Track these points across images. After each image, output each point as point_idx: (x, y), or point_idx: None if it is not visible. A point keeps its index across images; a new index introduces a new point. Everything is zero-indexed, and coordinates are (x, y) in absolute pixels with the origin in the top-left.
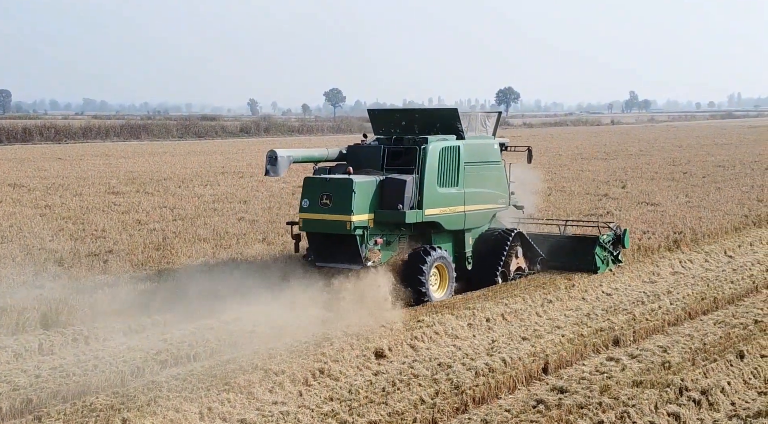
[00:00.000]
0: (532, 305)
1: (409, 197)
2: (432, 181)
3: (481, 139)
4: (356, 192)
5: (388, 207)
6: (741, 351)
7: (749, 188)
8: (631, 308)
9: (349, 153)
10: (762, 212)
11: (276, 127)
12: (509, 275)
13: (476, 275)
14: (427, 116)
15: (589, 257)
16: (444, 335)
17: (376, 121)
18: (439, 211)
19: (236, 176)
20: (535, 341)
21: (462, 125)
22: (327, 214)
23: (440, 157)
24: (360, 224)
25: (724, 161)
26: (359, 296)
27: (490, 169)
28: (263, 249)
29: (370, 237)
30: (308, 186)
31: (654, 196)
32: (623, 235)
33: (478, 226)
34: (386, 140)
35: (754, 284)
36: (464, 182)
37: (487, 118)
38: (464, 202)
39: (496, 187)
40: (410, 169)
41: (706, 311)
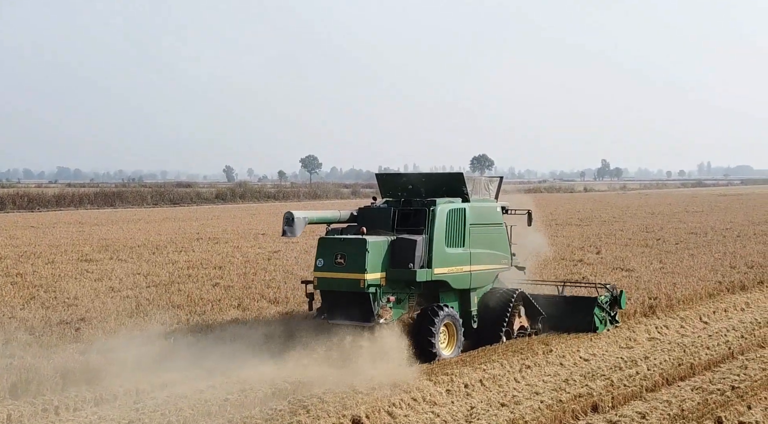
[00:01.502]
0: (510, 371)
1: (420, 256)
2: (440, 242)
3: (485, 202)
4: (370, 251)
5: (399, 266)
6: (719, 417)
7: (722, 255)
8: (609, 373)
9: (359, 215)
10: (735, 278)
11: (252, 193)
12: (513, 333)
13: (482, 334)
14: (434, 180)
15: (588, 317)
16: (422, 401)
17: (384, 185)
18: (447, 270)
19: (211, 242)
20: (514, 407)
21: (467, 188)
22: (341, 272)
23: (448, 218)
24: (373, 282)
25: (696, 228)
26: (370, 355)
27: (494, 230)
28: (239, 315)
29: (383, 295)
30: (323, 246)
31: (628, 261)
32: (620, 296)
33: (482, 285)
34: (395, 202)
35: (730, 350)
36: (470, 243)
37: (490, 182)
38: (470, 262)
39: (499, 249)
40: (419, 229)
41: (683, 377)
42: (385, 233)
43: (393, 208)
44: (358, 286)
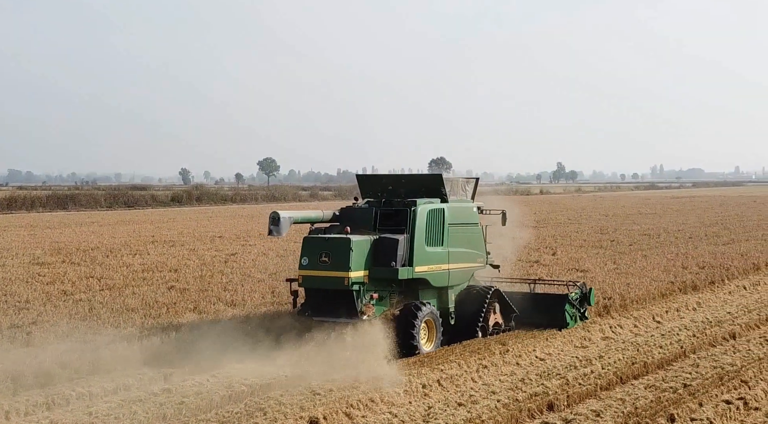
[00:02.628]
0: (467, 371)
1: (401, 255)
2: (421, 241)
3: (462, 203)
4: (354, 250)
5: (382, 264)
6: (671, 415)
7: (674, 256)
8: (564, 372)
9: (342, 214)
10: (687, 278)
11: (208, 196)
12: (488, 329)
13: (458, 330)
14: (413, 181)
15: (559, 313)
16: (380, 402)
17: (364, 186)
18: (427, 268)
19: (167, 245)
20: (471, 406)
21: (445, 189)
22: (326, 271)
23: (428, 218)
24: (357, 280)
25: (650, 230)
26: (354, 349)
27: (470, 230)
28: (195, 318)
29: (366, 292)
30: (308, 245)
31: (583, 263)
32: (589, 293)
33: (460, 283)
34: (376, 203)
35: (682, 349)
36: (448, 242)
37: (467, 183)
38: (448, 261)
39: (476, 247)
40: (401, 229)
41: (636, 376)
42: (368, 233)
43: (374, 208)
44: (342, 284)
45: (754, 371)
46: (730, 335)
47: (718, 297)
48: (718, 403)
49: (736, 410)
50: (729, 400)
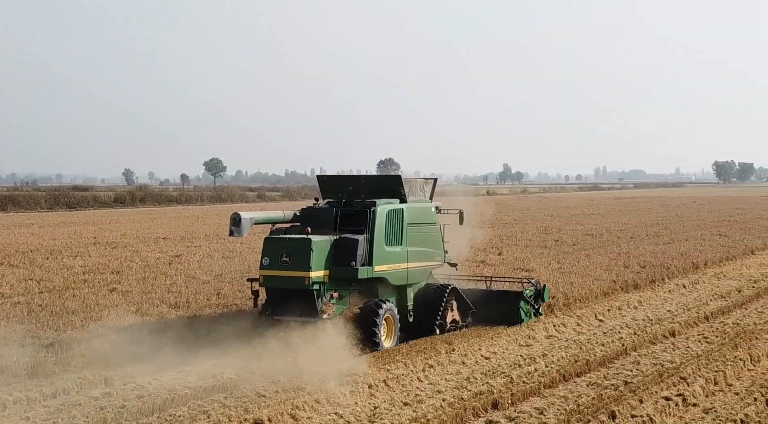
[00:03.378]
0: (413, 370)
1: (361, 255)
2: (380, 241)
3: (421, 203)
4: (314, 250)
5: (342, 264)
6: (613, 412)
7: (616, 255)
8: (508, 371)
9: (302, 215)
10: (628, 277)
11: (152, 197)
12: (446, 326)
13: (417, 327)
14: (373, 182)
15: (514, 310)
16: (326, 403)
17: (325, 186)
18: (387, 267)
19: (109, 247)
20: (417, 406)
21: (404, 190)
22: (287, 270)
23: (387, 218)
24: (317, 280)
25: (593, 230)
26: (316, 348)
27: (429, 230)
28: (137, 320)
29: (326, 292)
30: (269, 245)
31: (528, 262)
32: (543, 290)
33: (418, 281)
34: (336, 203)
35: (624, 347)
36: (407, 241)
37: (425, 184)
38: (407, 260)
39: (434, 246)
40: (360, 229)
41: (579, 373)
42: (328, 233)
43: (335, 208)
44: (303, 283)
45: (693, 368)
46: (670, 332)
47: (659, 296)
48: (658, 400)
49: (675, 406)
50: (668, 397)
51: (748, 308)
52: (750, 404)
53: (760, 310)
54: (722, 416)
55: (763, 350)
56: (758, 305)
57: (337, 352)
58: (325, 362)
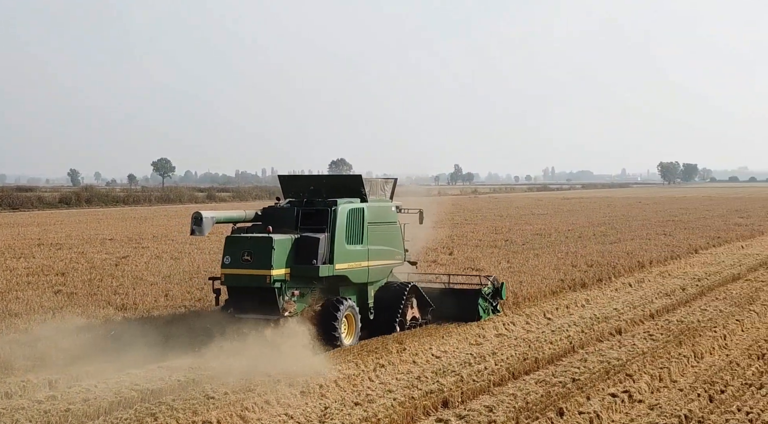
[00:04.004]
0: (364, 370)
1: (322, 253)
2: (341, 239)
3: (381, 202)
4: (275, 249)
5: (303, 262)
6: (560, 409)
7: (564, 255)
8: (459, 369)
9: (264, 214)
10: (576, 276)
11: (99, 197)
12: (406, 323)
13: (377, 324)
14: (334, 181)
15: (473, 307)
16: (276, 403)
17: (286, 186)
18: (348, 266)
19: (54, 248)
20: (368, 405)
21: (365, 189)
22: (248, 269)
23: (348, 217)
24: (278, 278)
25: (542, 230)
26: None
27: (389, 229)
28: (82, 323)
29: (288, 290)
30: (230, 244)
31: (478, 262)
32: (501, 287)
33: (379, 279)
34: (298, 202)
35: (571, 345)
36: (368, 240)
37: (386, 183)
38: (368, 258)
39: (394, 245)
40: (322, 228)
41: (528, 371)
42: (290, 232)
43: (296, 208)
44: (264, 281)
45: (639, 365)
46: (616, 330)
47: (606, 294)
48: (605, 396)
49: (621, 403)
50: (615, 393)
51: (692, 306)
52: (693, 400)
53: (703, 308)
54: (667, 412)
55: (706, 347)
56: (702, 303)
57: (294, 351)
58: (279, 362)
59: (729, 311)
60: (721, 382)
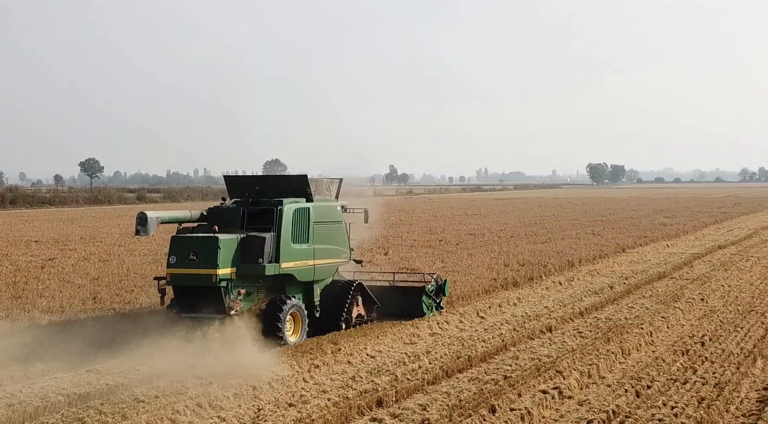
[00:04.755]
0: (299, 371)
1: (268, 252)
2: (287, 239)
3: (327, 202)
4: (221, 248)
5: (249, 261)
6: (493, 406)
7: (497, 254)
8: (393, 368)
9: (209, 214)
10: (508, 275)
11: (24, 198)
12: (351, 321)
13: (323, 322)
14: (280, 181)
15: (417, 304)
16: (208, 406)
17: (232, 186)
18: (293, 264)
19: None
20: (302, 406)
21: (311, 189)
22: (194, 268)
23: (294, 217)
24: (224, 277)
25: (475, 230)
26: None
27: (335, 228)
28: (6, 327)
29: (234, 288)
30: (176, 244)
31: (413, 262)
32: (444, 285)
33: (324, 278)
34: (243, 202)
35: (504, 342)
36: (313, 239)
37: (331, 183)
38: (314, 257)
39: (340, 244)
40: (267, 227)
41: (461, 369)
42: (236, 231)
43: (242, 208)
44: (210, 280)
45: (568, 362)
46: (547, 328)
47: (537, 293)
48: (536, 393)
49: (552, 399)
50: (545, 390)
51: (620, 303)
52: (621, 395)
53: (630, 305)
54: (595, 407)
55: (633, 343)
56: (629, 300)
57: (232, 351)
58: (213, 364)
59: (655, 309)
60: (647, 377)
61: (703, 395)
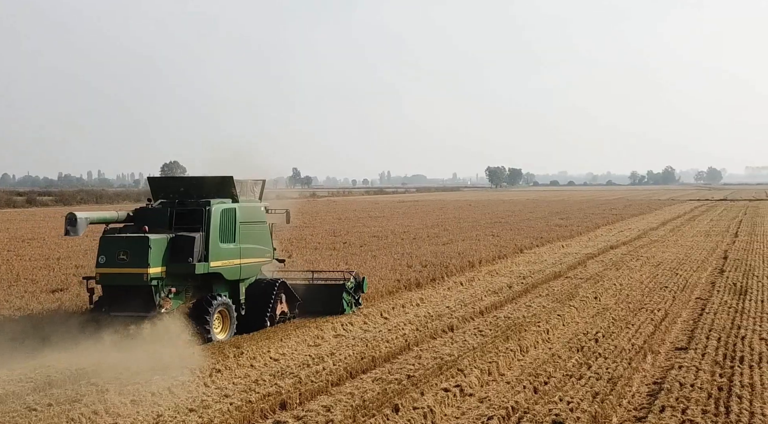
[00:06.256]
0: (200, 376)
1: (198, 251)
2: (215, 238)
3: (252, 203)
4: (152, 247)
5: (179, 261)
6: (396, 405)
7: (400, 256)
8: (297, 371)
9: (136, 215)
10: (411, 276)
11: None
12: (275, 318)
13: (248, 320)
14: (205, 182)
15: (337, 301)
16: (104, 413)
17: (156, 188)
18: (222, 263)
19: None
20: (203, 411)
21: (236, 190)
22: (124, 267)
23: (221, 217)
24: (155, 276)
25: (378, 232)
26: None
27: (259, 228)
28: None
29: (164, 287)
30: (105, 244)
31: (318, 264)
32: (362, 282)
33: (249, 276)
34: (170, 203)
35: (407, 342)
36: (239, 239)
37: (255, 185)
38: (240, 256)
39: (264, 243)
40: (195, 227)
41: (365, 370)
42: (164, 231)
43: (169, 208)
44: (141, 279)
45: (469, 360)
46: (449, 327)
47: (439, 293)
48: (438, 391)
49: (453, 397)
50: (447, 388)
51: (518, 302)
52: (520, 391)
53: (528, 304)
54: (495, 404)
55: (531, 341)
56: (527, 299)
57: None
58: (105, 371)
59: (551, 307)
60: (544, 374)
61: (597, 389)
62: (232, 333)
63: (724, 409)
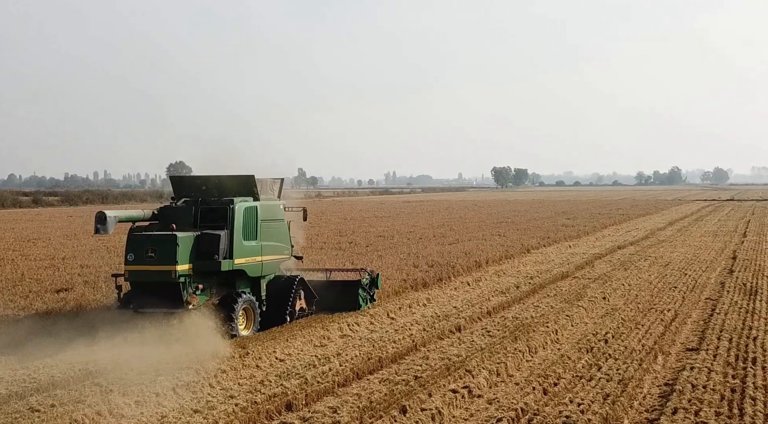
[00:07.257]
0: (205, 377)
1: (223, 249)
2: (239, 236)
3: (271, 201)
4: (180, 245)
5: (205, 258)
6: (403, 406)
7: (406, 256)
8: (303, 371)
9: (161, 213)
10: (418, 276)
11: None
12: (295, 314)
13: (269, 316)
14: (227, 181)
15: (353, 297)
16: (108, 415)
17: (179, 187)
18: (245, 260)
19: None
20: (208, 412)
21: (257, 189)
22: (153, 265)
23: (244, 215)
24: (183, 273)
25: (384, 232)
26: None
27: (278, 226)
28: None
29: (191, 284)
30: (133, 242)
31: (324, 264)
32: (377, 278)
33: (270, 273)
34: (193, 202)
35: (414, 343)
36: (261, 236)
37: (274, 183)
38: (262, 253)
39: (283, 241)
40: (220, 225)
41: (372, 371)
42: (191, 229)
43: (193, 207)
44: (169, 276)
45: (477, 361)
46: (456, 327)
47: (446, 293)
48: (446, 392)
49: (462, 398)
50: (455, 389)
51: (526, 302)
52: (529, 393)
53: (536, 304)
54: (504, 405)
55: (539, 341)
56: (534, 299)
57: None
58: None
59: (559, 307)
60: (554, 375)
61: (608, 391)
62: (256, 329)
63: (738, 411)
